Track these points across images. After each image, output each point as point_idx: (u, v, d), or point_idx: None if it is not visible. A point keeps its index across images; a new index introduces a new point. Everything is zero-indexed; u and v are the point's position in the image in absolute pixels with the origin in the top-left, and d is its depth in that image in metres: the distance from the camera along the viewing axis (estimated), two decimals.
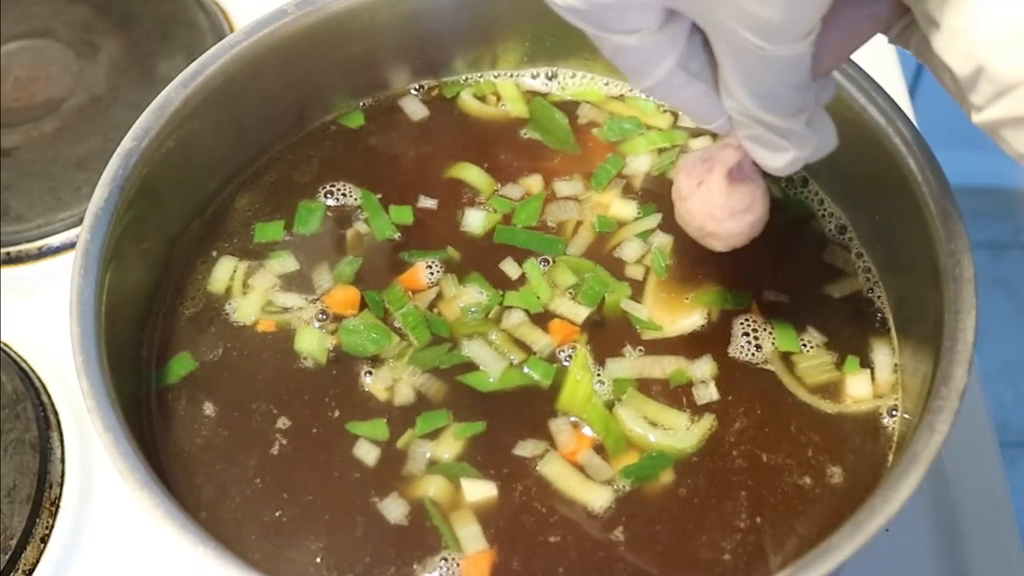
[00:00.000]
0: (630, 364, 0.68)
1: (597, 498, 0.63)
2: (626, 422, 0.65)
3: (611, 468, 0.64)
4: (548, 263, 0.72)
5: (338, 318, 0.70)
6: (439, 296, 0.71)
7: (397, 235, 0.75)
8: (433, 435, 0.65)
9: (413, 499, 0.63)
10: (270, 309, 0.71)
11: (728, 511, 0.62)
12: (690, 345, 0.69)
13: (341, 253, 0.74)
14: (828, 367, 0.68)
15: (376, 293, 0.71)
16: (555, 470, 0.63)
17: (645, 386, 0.67)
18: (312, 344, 0.69)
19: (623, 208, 0.75)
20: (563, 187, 0.77)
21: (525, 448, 0.65)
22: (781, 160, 0.54)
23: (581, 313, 0.70)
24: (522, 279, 0.72)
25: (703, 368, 0.68)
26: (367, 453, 0.65)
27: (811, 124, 0.54)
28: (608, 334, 0.69)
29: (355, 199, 0.76)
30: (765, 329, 0.69)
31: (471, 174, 0.77)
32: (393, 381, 0.67)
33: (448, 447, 0.65)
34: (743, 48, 0.48)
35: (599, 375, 0.67)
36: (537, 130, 0.80)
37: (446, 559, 0.61)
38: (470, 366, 0.68)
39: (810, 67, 0.50)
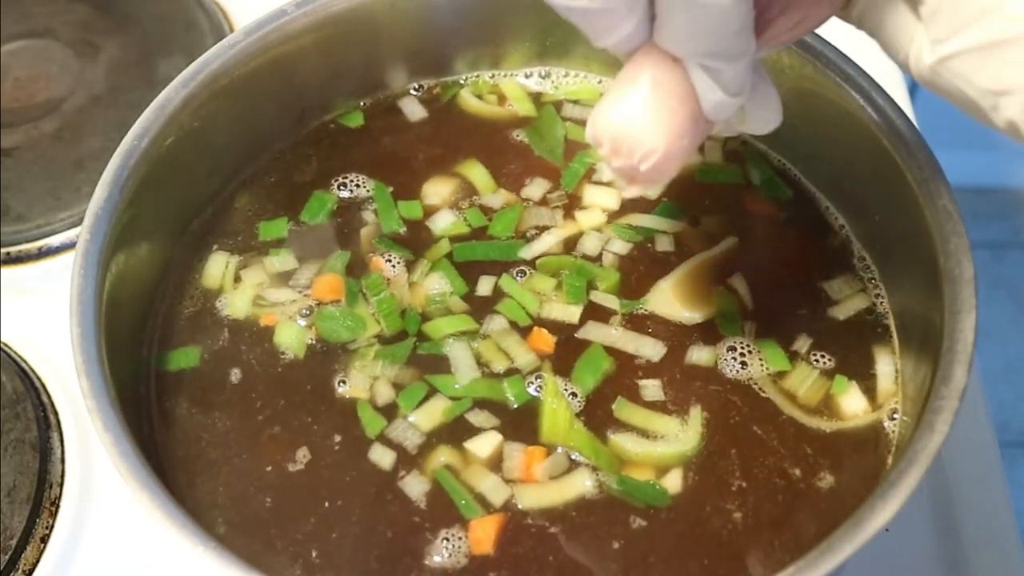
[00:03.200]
0: (604, 331, 0.68)
1: (581, 483, 0.63)
2: (627, 446, 0.64)
3: (563, 442, 0.64)
4: (524, 274, 0.72)
5: (324, 306, 0.71)
6: (410, 283, 0.72)
7: (403, 229, 0.75)
8: (418, 409, 0.66)
9: (416, 480, 0.64)
10: (261, 303, 0.72)
11: (725, 514, 0.62)
12: (680, 337, 0.69)
13: (344, 246, 0.74)
14: (824, 382, 0.67)
15: (355, 281, 0.71)
16: (531, 497, 0.63)
17: (619, 375, 0.67)
18: (291, 338, 0.69)
19: (598, 216, 0.75)
20: (538, 193, 0.77)
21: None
22: (715, 96, 0.52)
23: (573, 312, 0.70)
24: (499, 294, 0.71)
25: (683, 360, 0.68)
26: (366, 447, 0.65)
27: (754, 94, 0.53)
28: (602, 313, 0.70)
29: (367, 190, 0.77)
30: (754, 350, 0.68)
31: (475, 173, 0.77)
32: (372, 379, 0.67)
33: (431, 418, 0.65)
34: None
35: (567, 388, 0.67)
36: (532, 135, 0.80)
37: (447, 539, 0.61)
38: (444, 365, 0.68)
39: (747, 19, 0.49)
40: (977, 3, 0.43)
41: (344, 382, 0.68)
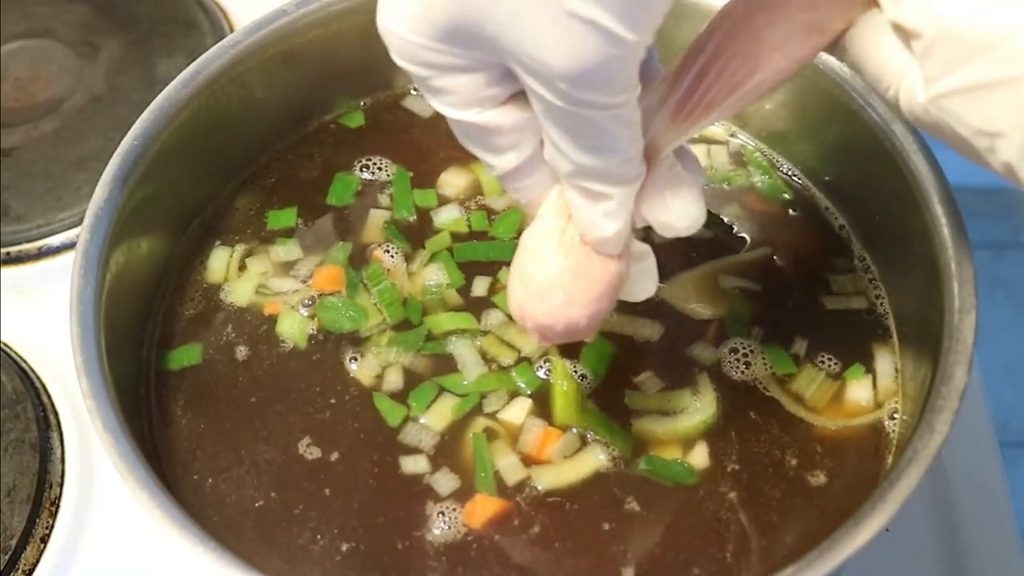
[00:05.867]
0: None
1: (595, 459, 0.63)
2: (651, 427, 0.65)
3: (577, 422, 0.65)
4: None
5: (325, 296, 0.71)
6: (409, 273, 0.72)
7: (413, 217, 0.75)
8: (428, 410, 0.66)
9: (417, 468, 0.64)
10: (264, 291, 0.72)
11: (724, 514, 0.62)
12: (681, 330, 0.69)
13: (349, 237, 0.74)
14: (829, 383, 0.67)
15: (356, 272, 0.72)
16: (548, 478, 0.63)
17: (622, 359, 0.67)
18: (293, 328, 0.69)
19: None
20: None
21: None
22: (602, 221, 0.50)
23: None
24: (496, 289, 0.71)
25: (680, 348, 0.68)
26: (374, 442, 0.65)
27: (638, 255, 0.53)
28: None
29: (388, 175, 0.77)
30: (756, 350, 0.68)
31: (485, 172, 0.77)
32: (381, 368, 0.68)
33: (442, 417, 0.66)
34: (538, 97, 0.45)
35: (577, 370, 0.67)
36: None
37: (443, 513, 0.62)
38: (450, 363, 0.68)
39: (627, 134, 0.47)
40: (973, 41, 0.42)
41: (354, 365, 0.68)
